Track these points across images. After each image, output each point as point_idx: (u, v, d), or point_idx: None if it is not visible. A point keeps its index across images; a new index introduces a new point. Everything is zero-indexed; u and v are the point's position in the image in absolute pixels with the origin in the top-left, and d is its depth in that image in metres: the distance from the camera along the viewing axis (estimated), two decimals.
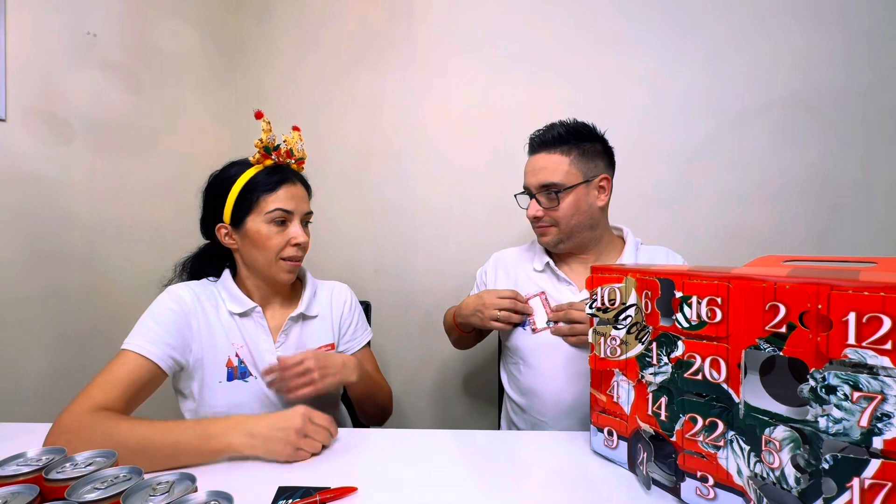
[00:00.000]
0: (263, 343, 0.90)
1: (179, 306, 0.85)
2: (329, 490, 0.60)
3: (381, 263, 1.60)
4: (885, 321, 0.41)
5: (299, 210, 0.88)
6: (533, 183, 0.97)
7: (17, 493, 0.45)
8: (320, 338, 0.96)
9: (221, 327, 0.88)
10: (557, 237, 0.98)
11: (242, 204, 0.86)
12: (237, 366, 0.87)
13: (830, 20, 1.26)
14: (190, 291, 0.89)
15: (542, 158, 0.96)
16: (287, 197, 0.86)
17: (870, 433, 0.42)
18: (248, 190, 0.86)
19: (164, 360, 0.80)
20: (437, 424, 1.60)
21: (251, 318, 0.90)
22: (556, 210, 0.95)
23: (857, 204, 1.28)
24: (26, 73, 1.11)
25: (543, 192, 0.96)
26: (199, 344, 0.85)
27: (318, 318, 0.97)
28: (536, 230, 1.01)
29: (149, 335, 0.80)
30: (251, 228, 0.86)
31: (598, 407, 0.72)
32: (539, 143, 0.98)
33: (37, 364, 1.14)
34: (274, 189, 0.86)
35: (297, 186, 0.89)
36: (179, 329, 0.83)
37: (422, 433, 0.81)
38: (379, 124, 1.58)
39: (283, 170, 0.89)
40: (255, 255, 0.87)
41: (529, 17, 1.44)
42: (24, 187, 1.11)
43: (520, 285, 1.03)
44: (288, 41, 1.66)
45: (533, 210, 0.97)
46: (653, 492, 0.61)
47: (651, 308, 0.62)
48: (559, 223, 0.96)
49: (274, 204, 0.85)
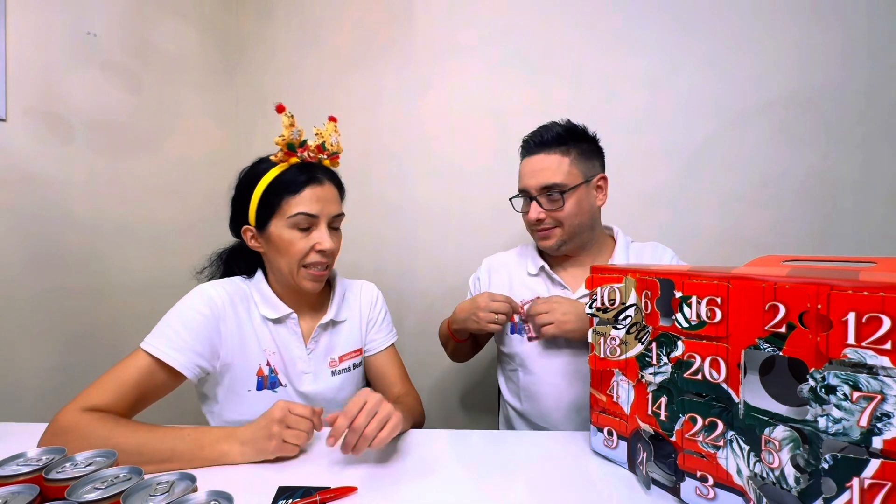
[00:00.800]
0: (296, 350, 0.87)
1: (210, 310, 0.80)
2: (329, 490, 0.60)
3: (380, 264, 1.60)
4: (884, 321, 0.41)
5: (326, 213, 0.82)
6: (533, 185, 0.93)
7: (17, 493, 0.45)
8: (348, 343, 0.94)
9: (254, 332, 0.84)
10: (561, 239, 0.95)
11: (265, 206, 0.81)
12: (267, 375, 0.84)
13: (830, 20, 1.26)
14: (222, 292, 0.83)
15: (541, 159, 0.93)
16: (312, 199, 0.80)
17: (869, 433, 0.42)
18: (270, 192, 0.80)
19: (191, 370, 0.76)
20: (436, 425, 1.60)
21: (285, 325, 0.87)
22: (561, 211, 0.92)
23: (857, 204, 1.28)
24: (26, 73, 1.11)
25: (545, 194, 0.93)
26: (228, 350, 0.82)
27: (346, 322, 0.94)
28: (537, 234, 0.98)
29: (175, 341, 0.76)
30: (274, 233, 0.81)
31: (597, 407, 0.72)
32: (537, 143, 0.95)
33: (37, 363, 1.14)
34: (298, 191, 0.79)
35: (324, 187, 0.82)
36: (209, 335, 0.79)
37: (421, 433, 0.81)
38: (379, 124, 1.58)
39: (311, 168, 0.82)
40: (278, 260, 0.83)
41: (529, 17, 1.44)
42: (24, 187, 1.11)
43: (514, 290, 1.02)
44: (288, 41, 1.66)
45: (535, 213, 0.94)
46: (653, 492, 0.61)
47: (651, 308, 0.62)
48: (563, 224, 0.94)
49: (297, 207, 0.79)
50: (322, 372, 0.89)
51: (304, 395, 0.87)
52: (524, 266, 1.05)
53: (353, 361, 0.94)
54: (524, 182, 0.96)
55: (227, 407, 0.84)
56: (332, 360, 0.91)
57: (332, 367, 0.91)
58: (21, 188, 1.11)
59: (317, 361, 0.89)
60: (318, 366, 0.89)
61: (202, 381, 0.84)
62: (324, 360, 0.90)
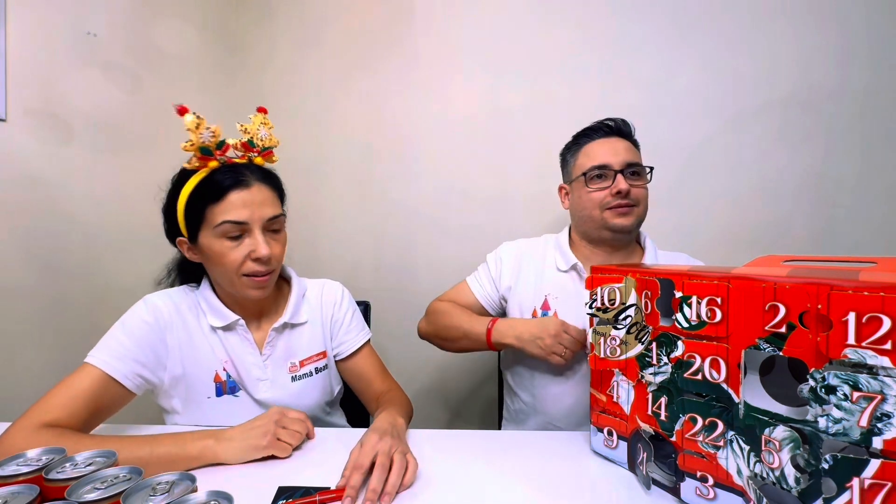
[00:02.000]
0: (249, 357, 0.83)
1: (155, 319, 0.78)
2: (329, 490, 0.59)
3: (381, 263, 1.60)
4: (884, 321, 0.41)
5: (257, 217, 0.74)
6: (620, 160, 0.93)
7: (17, 493, 0.45)
8: (310, 346, 0.89)
9: (205, 340, 0.82)
10: (638, 219, 0.95)
11: (191, 217, 0.75)
12: (225, 380, 0.82)
13: (829, 20, 1.26)
14: (169, 302, 0.81)
15: (620, 142, 0.96)
16: (238, 205, 0.73)
17: (869, 433, 0.42)
18: (194, 201, 0.74)
19: (131, 379, 0.73)
20: (436, 425, 1.60)
21: (235, 332, 0.83)
22: (642, 189, 0.95)
23: (856, 204, 1.28)
24: (26, 73, 1.11)
25: (629, 171, 0.93)
26: (176, 360, 0.79)
27: (307, 325, 0.89)
28: (618, 210, 0.93)
29: (116, 350, 0.73)
30: (204, 244, 0.75)
31: (598, 407, 0.72)
32: (614, 129, 0.97)
33: (36, 363, 1.14)
34: (220, 197, 0.73)
35: (251, 189, 0.74)
36: (152, 344, 0.77)
37: (422, 433, 0.81)
38: (379, 124, 1.58)
39: (235, 171, 0.75)
40: (215, 271, 0.78)
41: (530, 17, 1.44)
42: (24, 187, 1.11)
43: (542, 284, 0.99)
44: (288, 41, 1.66)
45: (624, 183, 0.91)
46: (653, 492, 0.61)
47: (651, 308, 0.62)
48: (640, 204, 0.94)
49: (222, 215, 0.72)
50: (280, 378, 0.85)
51: (261, 402, 0.83)
52: (552, 260, 1.02)
53: (316, 365, 0.89)
54: (605, 158, 0.94)
55: (188, 417, 0.81)
56: (293, 364, 0.87)
57: (291, 371, 0.86)
58: (21, 188, 1.11)
59: (274, 367, 0.85)
60: (275, 372, 0.85)
61: (155, 394, 0.81)
62: (282, 366, 0.86)
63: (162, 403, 0.83)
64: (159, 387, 0.79)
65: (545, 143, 1.27)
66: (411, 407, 0.90)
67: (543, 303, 0.98)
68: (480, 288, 1.07)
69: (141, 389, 0.76)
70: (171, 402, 0.81)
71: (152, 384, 0.78)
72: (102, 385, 0.71)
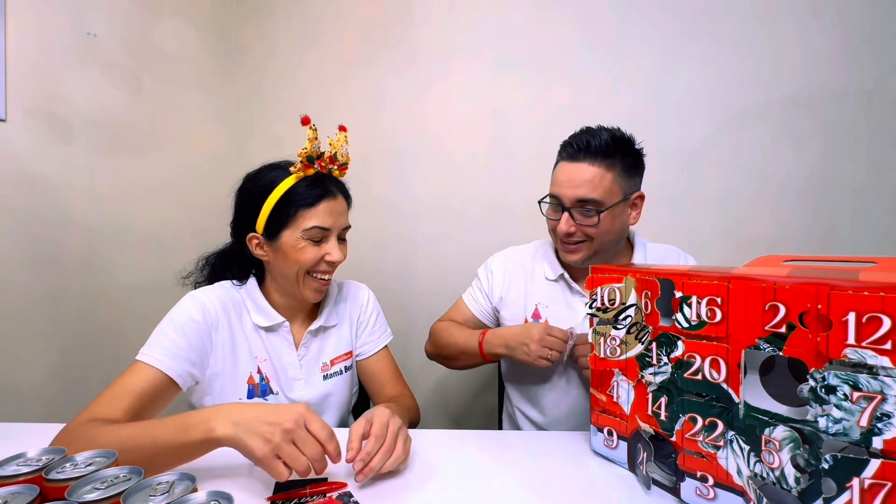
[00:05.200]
0: (287, 357, 0.87)
1: (203, 317, 0.80)
2: (323, 483, 0.59)
3: (381, 264, 1.60)
4: (884, 321, 0.41)
5: (337, 226, 0.83)
6: (569, 195, 0.85)
7: (17, 493, 0.45)
8: (338, 347, 0.93)
9: (245, 340, 0.84)
10: (587, 255, 0.89)
11: (278, 217, 0.79)
12: (258, 382, 0.84)
13: (831, 20, 1.26)
14: (215, 299, 0.83)
15: (584, 169, 0.84)
16: (326, 213, 0.80)
17: (869, 433, 0.42)
18: (285, 202, 0.79)
19: (182, 377, 0.75)
20: (437, 425, 1.60)
21: (278, 333, 0.87)
22: (595, 228, 0.85)
23: (857, 204, 1.28)
24: (26, 73, 1.11)
25: (579, 208, 0.85)
26: (218, 358, 0.81)
27: (336, 326, 0.93)
28: (564, 247, 0.91)
29: (169, 348, 0.75)
30: (286, 243, 0.80)
31: (598, 407, 0.72)
32: (582, 149, 0.85)
33: (36, 363, 1.14)
34: (313, 204, 0.79)
35: (337, 200, 0.83)
36: (201, 342, 0.79)
37: (421, 433, 0.81)
38: (379, 124, 1.58)
39: (324, 181, 0.81)
40: (285, 268, 0.82)
41: (529, 17, 1.44)
42: (24, 187, 1.12)
43: (531, 294, 0.99)
44: (288, 41, 1.66)
45: (566, 225, 0.86)
46: (653, 492, 0.61)
47: (651, 308, 0.62)
48: (593, 240, 0.87)
49: (312, 221, 0.79)
50: (313, 377, 0.89)
51: (295, 402, 0.84)
52: (541, 269, 1.00)
53: (345, 364, 0.94)
54: (559, 189, 0.87)
55: None
56: (324, 364, 0.91)
57: (323, 371, 0.90)
58: (21, 188, 1.11)
59: (308, 367, 0.89)
60: (309, 371, 0.89)
61: (190, 391, 0.81)
62: (315, 365, 0.90)
63: (194, 402, 0.84)
64: (201, 382, 0.81)
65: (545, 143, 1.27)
66: (419, 415, 0.93)
67: (534, 312, 0.98)
68: (475, 302, 1.07)
69: (187, 386, 0.78)
70: (202, 401, 0.82)
71: (196, 380, 0.79)
72: (157, 383, 0.72)
